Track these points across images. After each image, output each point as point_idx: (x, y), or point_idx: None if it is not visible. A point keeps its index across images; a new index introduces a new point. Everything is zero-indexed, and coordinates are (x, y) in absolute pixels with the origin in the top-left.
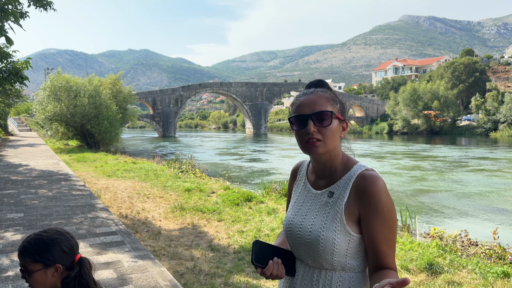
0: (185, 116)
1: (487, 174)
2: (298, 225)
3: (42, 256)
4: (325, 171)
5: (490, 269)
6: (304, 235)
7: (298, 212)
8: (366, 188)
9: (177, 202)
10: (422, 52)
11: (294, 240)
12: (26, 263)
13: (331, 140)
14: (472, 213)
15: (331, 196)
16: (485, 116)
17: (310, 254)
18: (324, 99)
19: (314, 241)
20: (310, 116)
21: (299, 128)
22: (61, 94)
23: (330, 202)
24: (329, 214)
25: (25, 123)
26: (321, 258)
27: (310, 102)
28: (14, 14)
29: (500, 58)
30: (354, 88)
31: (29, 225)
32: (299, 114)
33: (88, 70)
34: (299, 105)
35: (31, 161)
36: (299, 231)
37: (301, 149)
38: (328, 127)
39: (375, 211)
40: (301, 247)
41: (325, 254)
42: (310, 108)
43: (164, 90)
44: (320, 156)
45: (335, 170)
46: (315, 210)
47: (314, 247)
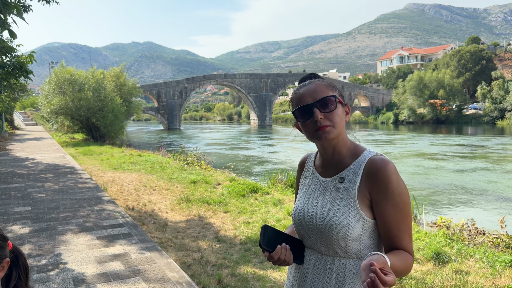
0: (189, 109)
1: (494, 163)
2: (309, 213)
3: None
4: (334, 157)
5: (497, 257)
6: (316, 222)
7: (308, 200)
8: (377, 171)
9: (183, 194)
10: (428, 41)
11: (305, 228)
12: None
13: (339, 124)
14: (479, 202)
15: (342, 182)
16: (491, 104)
17: (323, 241)
18: (323, 86)
19: (327, 227)
20: (315, 104)
21: (305, 119)
22: (66, 87)
23: (342, 188)
24: (342, 199)
25: (30, 117)
26: (335, 244)
27: (311, 92)
28: (17, 8)
29: (507, 45)
30: (359, 78)
31: (36, 218)
32: (302, 105)
33: (92, 63)
34: (300, 97)
35: (37, 154)
36: (311, 218)
37: (311, 138)
38: (334, 112)
39: (386, 194)
40: (313, 235)
41: (339, 239)
42: (312, 97)
43: (169, 82)
44: (330, 141)
45: (344, 157)
46: (326, 197)
47: (328, 233)
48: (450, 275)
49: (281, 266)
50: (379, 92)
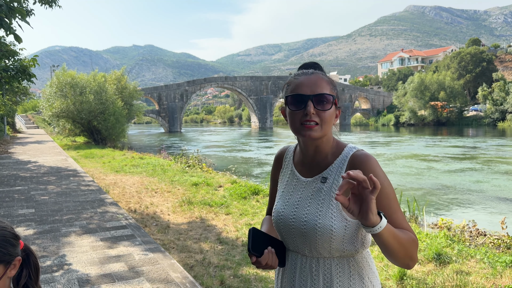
0: (190, 111)
1: (494, 165)
2: (291, 216)
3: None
4: (315, 156)
5: (498, 258)
6: (299, 225)
7: (288, 202)
8: (362, 167)
9: (185, 196)
10: (428, 43)
11: (288, 231)
12: None
13: (327, 125)
14: (480, 203)
15: (325, 182)
16: (492, 106)
17: (306, 244)
18: (325, 82)
19: (310, 230)
20: (311, 97)
21: (296, 108)
22: (67, 90)
23: (324, 188)
24: (324, 201)
25: (32, 120)
26: (319, 247)
27: (311, 83)
28: (21, 12)
29: (508, 47)
30: (360, 80)
31: (40, 220)
32: (298, 93)
33: (93, 66)
34: (298, 84)
35: (39, 157)
36: (293, 221)
37: (294, 131)
38: (327, 111)
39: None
40: (296, 238)
41: (322, 242)
42: (311, 89)
43: (170, 85)
44: (314, 141)
45: (326, 156)
46: (307, 198)
47: (311, 237)
48: (451, 275)
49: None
50: (380, 94)
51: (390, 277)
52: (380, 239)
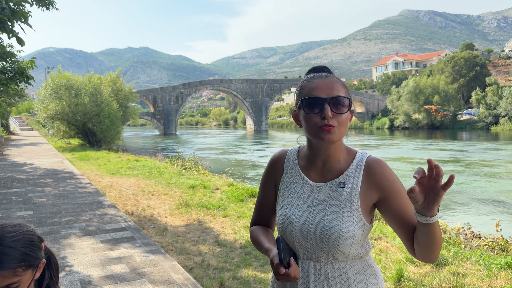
0: (185, 114)
1: (488, 168)
2: (307, 222)
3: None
4: (328, 161)
5: (493, 260)
6: (319, 231)
7: (302, 207)
8: (381, 173)
9: (182, 199)
10: (422, 47)
11: (302, 238)
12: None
13: (344, 128)
14: (474, 206)
15: (343, 187)
16: (485, 110)
17: (324, 250)
18: (340, 85)
19: (334, 235)
20: (328, 100)
21: (311, 111)
22: (62, 92)
23: (344, 193)
24: (346, 206)
25: (26, 122)
26: (338, 252)
27: (327, 86)
28: (24, 15)
29: (501, 52)
30: (355, 83)
31: (39, 222)
32: (314, 97)
33: (88, 68)
34: (314, 87)
35: (35, 160)
36: (311, 227)
37: (311, 134)
38: (344, 114)
39: (396, 191)
40: (313, 244)
41: (344, 246)
42: (327, 92)
43: (165, 87)
44: (331, 144)
45: (339, 160)
46: (324, 203)
47: (333, 242)
48: (447, 277)
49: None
50: (375, 97)
51: (388, 278)
52: (430, 229)
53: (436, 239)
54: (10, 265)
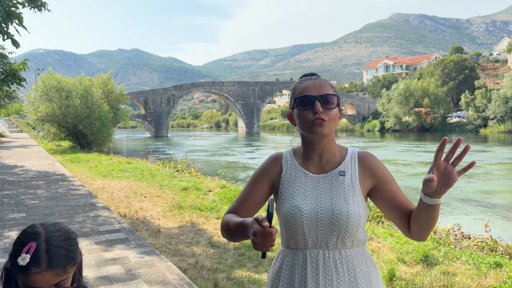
0: (177, 116)
1: (477, 170)
2: (316, 209)
3: (76, 253)
4: (324, 154)
5: (483, 260)
6: (329, 215)
7: (308, 197)
8: (373, 163)
9: (175, 201)
10: (412, 50)
11: (313, 225)
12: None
13: (333, 122)
14: (464, 207)
15: (344, 175)
16: (474, 113)
17: (334, 235)
18: (328, 85)
19: (343, 218)
20: (318, 97)
21: (304, 108)
22: (53, 94)
23: (346, 181)
24: (349, 191)
25: (15, 124)
26: (347, 236)
27: (317, 85)
28: (19, 17)
29: (489, 55)
30: (346, 86)
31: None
32: (306, 95)
33: (78, 70)
34: (305, 88)
35: (26, 162)
36: (321, 213)
37: (304, 129)
38: (333, 110)
39: (388, 178)
40: (323, 230)
41: (352, 229)
42: (317, 91)
43: (156, 89)
44: (323, 137)
45: (334, 153)
46: (328, 191)
47: (343, 224)
48: (438, 276)
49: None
50: (365, 100)
51: None
52: (433, 208)
53: (435, 218)
54: (62, 263)
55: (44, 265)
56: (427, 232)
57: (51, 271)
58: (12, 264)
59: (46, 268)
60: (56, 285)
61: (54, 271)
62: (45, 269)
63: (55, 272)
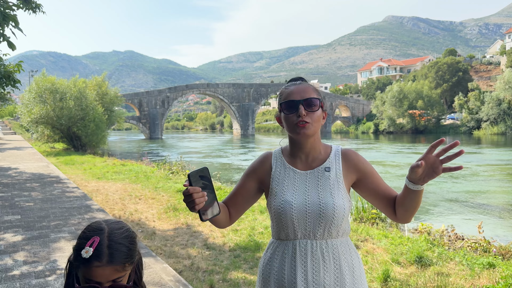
0: (171, 118)
1: (470, 172)
2: (304, 202)
3: (135, 251)
4: (311, 153)
5: (476, 260)
6: (316, 209)
7: (297, 191)
8: (356, 158)
9: (170, 203)
10: (406, 52)
11: (301, 217)
12: (124, 269)
13: (317, 123)
14: (457, 209)
15: (329, 171)
16: (468, 115)
17: (322, 225)
18: (311, 89)
19: (329, 210)
20: (301, 101)
21: (290, 112)
22: (47, 96)
23: (331, 176)
24: (334, 186)
25: (9, 126)
26: (333, 226)
27: (300, 90)
28: (15, 19)
29: (482, 57)
30: (340, 88)
31: (27, 226)
32: (290, 100)
33: (72, 72)
34: (289, 93)
35: (20, 164)
36: (309, 206)
37: (290, 131)
38: (315, 112)
39: (370, 171)
40: (311, 222)
41: (337, 220)
42: (300, 95)
43: (151, 91)
44: (308, 138)
45: (320, 151)
46: (315, 186)
47: (329, 216)
48: (432, 277)
49: (188, 206)
50: (360, 102)
51: (375, 279)
52: (416, 194)
53: (419, 202)
54: (121, 260)
55: (105, 260)
56: (412, 214)
57: (111, 267)
58: (75, 257)
59: (107, 263)
60: (114, 281)
61: (114, 266)
62: (106, 264)
63: (115, 268)
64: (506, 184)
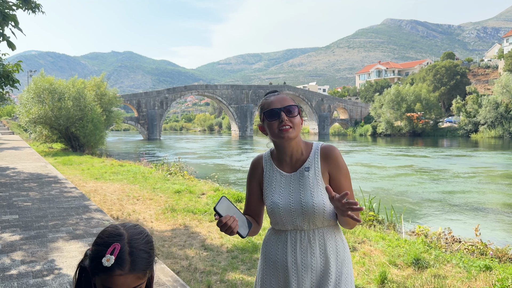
0: (170, 119)
1: (468, 175)
2: (289, 203)
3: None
4: (294, 154)
5: (473, 263)
6: (298, 208)
7: (283, 192)
8: (331, 154)
9: (168, 204)
10: (404, 55)
11: (288, 214)
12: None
13: (298, 127)
14: (455, 212)
15: (308, 171)
16: (465, 118)
17: (306, 220)
18: (289, 98)
19: (309, 209)
20: (282, 109)
21: (272, 119)
22: (45, 96)
23: (310, 175)
24: (313, 185)
25: (7, 126)
26: (316, 220)
27: (280, 99)
28: (15, 19)
29: (480, 61)
30: (338, 90)
31: (25, 226)
32: (272, 108)
33: (71, 72)
34: (270, 103)
35: (18, 164)
36: (293, 205)
37: (274, 136)
38: (295, 118)
39: (340, 169)
40: (297, 217)
41: (318, 215)
42: (281, 103)
43: (149, 92)
44: (290, 141)
45: (301, 152)
46: (297, 186)
47: (310, 213)
48: (429, 279)
49: (226, 233)
50: (358, 105)
51: (371, 281)
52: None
53: (350, 222)
54: (143, 267)
55: (128, 268)
56: (345, 227)
57: (133, 274)
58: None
59: (129, 270)
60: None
61: (136, 274)
62: (128, 272)
63: (137, 276)
64: (503, 188)
